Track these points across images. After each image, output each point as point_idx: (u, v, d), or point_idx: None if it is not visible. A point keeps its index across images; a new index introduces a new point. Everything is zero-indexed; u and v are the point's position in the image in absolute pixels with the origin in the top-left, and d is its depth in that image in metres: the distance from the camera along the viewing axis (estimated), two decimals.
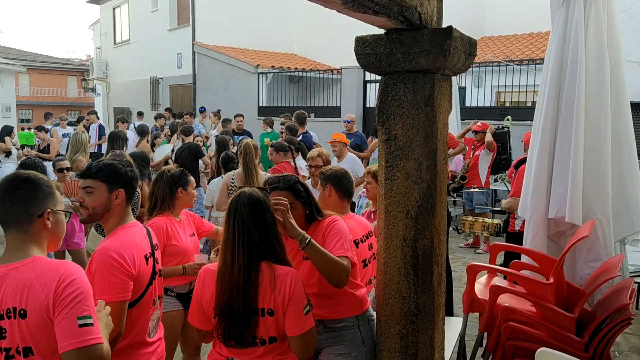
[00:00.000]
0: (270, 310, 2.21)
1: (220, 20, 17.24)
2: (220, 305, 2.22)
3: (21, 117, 34.36)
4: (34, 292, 1.73)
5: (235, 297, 2.18)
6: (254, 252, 2.23)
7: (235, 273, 2.19)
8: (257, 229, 2.24)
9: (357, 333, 2.70)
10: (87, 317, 1.73)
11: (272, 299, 2.20)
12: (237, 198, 2.30)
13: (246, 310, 2.18)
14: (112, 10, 22.45)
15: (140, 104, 19.06)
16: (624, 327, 3.08)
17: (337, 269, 2.42)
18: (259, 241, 2.24)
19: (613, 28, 4.02)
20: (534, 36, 15.01)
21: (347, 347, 2.68)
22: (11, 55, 28.97)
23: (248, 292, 2.19)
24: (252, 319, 2.20)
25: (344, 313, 2.69)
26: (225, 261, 2.23)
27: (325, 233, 2.59)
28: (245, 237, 2.22)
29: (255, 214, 2.25)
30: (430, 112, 2.34)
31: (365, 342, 2.70)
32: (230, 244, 2.23)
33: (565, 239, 4.08)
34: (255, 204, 2.26)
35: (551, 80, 4.00)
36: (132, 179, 2.40)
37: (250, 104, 15.12)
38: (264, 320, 2.22)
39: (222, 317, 2.22)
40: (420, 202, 2.39)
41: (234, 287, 2.18)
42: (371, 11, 2.01)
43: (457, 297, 5.67)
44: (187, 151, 7.83)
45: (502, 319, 3.41)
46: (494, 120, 9.71)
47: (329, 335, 2.71)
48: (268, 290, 2.20)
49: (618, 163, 4.02)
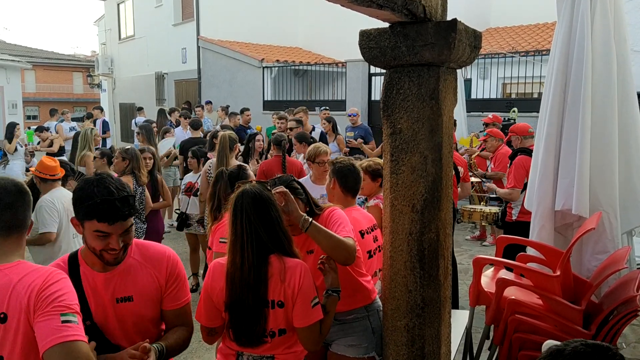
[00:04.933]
0: (281, 302, 2.23)
1: (225, 15, 17.21)
2: (230, 302, 2.23)
3: (28, 114, 34.52)
4: (16, 294, 1.66)
5: (246, 295, 2.20)
6: (262, 250, 2.24)
7: (245, 273, 2.20)
8: (264, 227, 2.25)
9: (367, 324, 2.74)
10: (70, 315, 1.65)
11: (282, 291, 2.22)
12: (240, 197, 2.29)
13: (256, 305, 2.20)
14: (117, 6, 22.46)
15: (146, 99, 19.10)
16: (631, 319, 3.07)
17: (342, 246, 2.42)
18: (267, 238, 2.25)
19: (620, 18, 3.98)
20: (539, 27, 14.91)
21: (358, 338, 2.72)
22: (17, 52, 29.03)
23: (258, 288, 2.20)
24: (263, 312, 2.22)
25: (354, 304, 2.72)
26: (234, 261, 2.23)
27: (326, 222, 2.61)
28: (254, 236, 2.23)
29: (260, 212, 2.26)
30: (436, 106, 2.34)
31: (375, 332, 2.73)
32: (239, 244, 2.24)
33: (572, 231, 4.07)
34: (259, 200, 2.27)
35: (557, 72, 3.98)
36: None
37: (255, 98, 15.11)
38: (274, 312, 2.23)
39: (232, 314, 2.24)
40: (426, 196, 2.38)
41: (244, 287, 2.20)
42: (375, 5, 2.01)
43: (463, 290, 5.68)
44: (192, 145, 7.88)
45: (508, 311, 3.40)
46: (500, 112, 9.66)
47: (340, 327, 2.74)
48: (278, 282, 2.22)
49: (625, 154, 4.00)
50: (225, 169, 3.61)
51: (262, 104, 15.04)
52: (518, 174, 5.28)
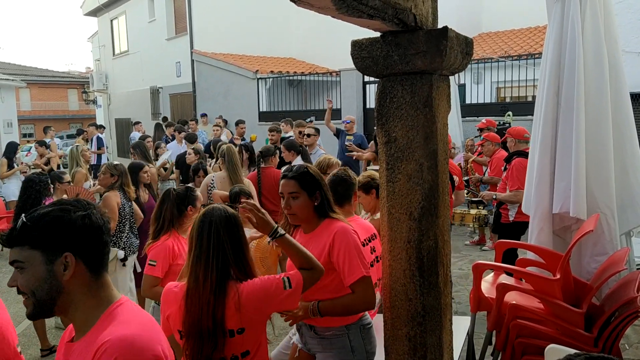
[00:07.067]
0: (241, 329, 2.16)
1: (218, 28, 17.29)
2: (188, 325, 2.14)
3: (23, 132, 34.54)
4: None
5: (205, 315, 2.11)
6: (225, 270, 2.17)
7: (207, 291, 2.12)
8: (231, 245, 2.19)
9: (345, 341, 2.68)
10: None
11: (239, 319, 2.15)
12: (210, 211, 2.23)
13: (215, 330, 2.11)
14: (110, 22, 22.54)
15: (141, 114, 19.11)
16: (632, 320, 3.07)
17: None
18: (232, 258, 2.18)
19: (610, 20, 4.01)
20: (532, 30, 15.00)
21: (335, 355, 2.68)
22: (11, 70, 29.09)
23: (217, 310, 2.12)
24: (221, 339, 2.13)
25: (332, 322, 2.68)
26: (196, 277, 2.15)
27: (332, 244, 2.58)
28: (220, 252, 2.16)
29: (230, 229, 2.20)
30: (429, 113, 2.34)
31: (355, 350, 2.68)
32: (203, 259, 2.16)
33: (570, 234, 4.07)
34: (230, 218, 2.22)
35: (550, 75, 3.99)
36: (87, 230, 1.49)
37: (250, 109, 15.14)
38: (234, 340, 2.16)
39: (189, 338, 2.14)
40: (423, 203, 2.38)
41: (204, 305, 2.11)
42: (366, 15, 2.01)
43: (464, 296, 5.67)
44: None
45: (510, 316, 3.39)
46: (495, 116, 9.69)
47: (319, 341, 2.72)
48: (234, 312, 2.13)
49: (620, 155, 4.01)
50: (173, 190, 3.53)
51: (257, 115, 15.07)
52: (520, 176, 5.30)
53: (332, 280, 2.62)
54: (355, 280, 2.54)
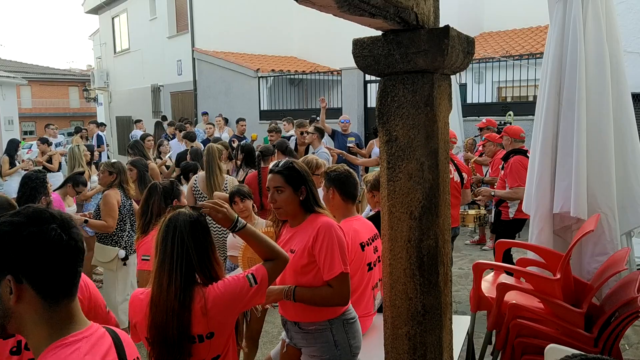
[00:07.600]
0: (210, 333, 2.12)
1: (219, 26, 17.27)
2: (153, 332, 2.09)
3: (24, 130, 34.54)
4: None
5: (170, 321, 2.06)
6: (190, 275, 2.13)
7: (171, 297, 2.07)
8: (196, 250, 2.14)
9: (329, 336, 2.70)
10: None
11: (206, 324, 2.11)
12: (175, 218, 2.19)
13: (181, 337, 2.07)
14: (111, 20, 22.53)
15: (142, 112, 19.10)
16: (633, 320, 3.07)
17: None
18: (197, 263, 2.14)
19: (612, 20, 4.00)
20: (533, 30, 14.98)
21: (319, 350, 2.71)
22: (12, 68, 29.11)
23: (182, 316, 2.07)
24: (187, 345, 2.09)
25: (314, 317, 2.70)
26: (160, 284, 2.10)
27: (315, 238, 2.61)
28: (184, 258, 2.12)
29: (195, 234, 2.16)
30: (431, 112, 2.34)
31: (338, 345, 2.69)
32: (167, 265, 2.11)
33: (571, 234, 4.06)
34: (196, 223, 2.18)
35: (551, 75, 3.99)
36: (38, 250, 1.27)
37: (251, 108, 15.14)
38: (203, 345, 2.13)
39: (155, 345, 2.10)
40: (424, 203, 2.38)
41: (168, 311, 2.06)
42: (367, 13, 2.01)
43: (465, 295, 5.67)
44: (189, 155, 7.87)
45: (510, 316, 3.39)
46: (496, 116, 9.69)
47: (304, 336, 2.75)
48: (200, 316, 2.09)
49: (621, 155, 4.00)
50: (159, 183, 3.51)
51: (258, 114, 15.06)
52: (519, 172, 5.30)
53: (314, 276, 2.66)
54: (334, 276, 2.58)
